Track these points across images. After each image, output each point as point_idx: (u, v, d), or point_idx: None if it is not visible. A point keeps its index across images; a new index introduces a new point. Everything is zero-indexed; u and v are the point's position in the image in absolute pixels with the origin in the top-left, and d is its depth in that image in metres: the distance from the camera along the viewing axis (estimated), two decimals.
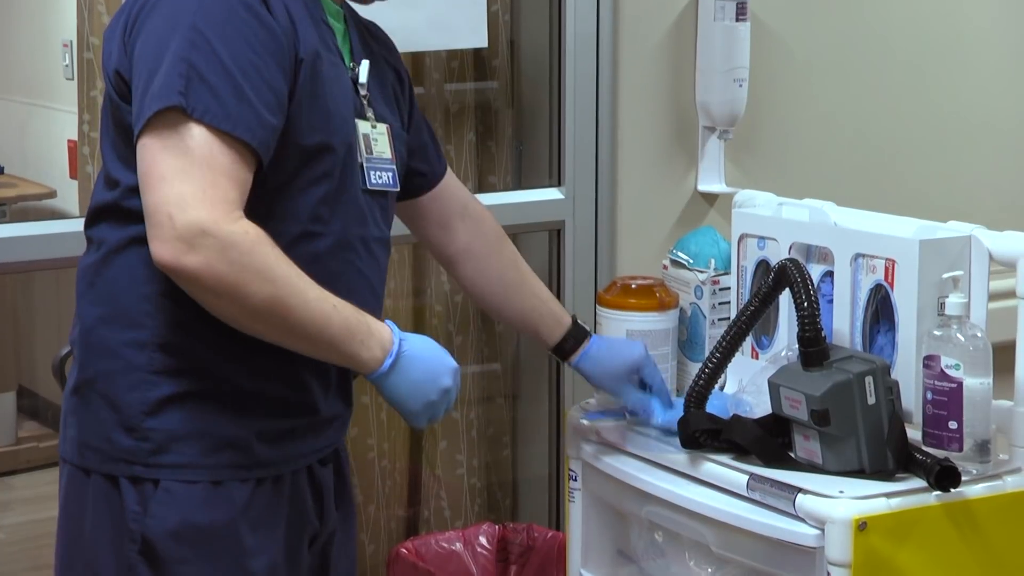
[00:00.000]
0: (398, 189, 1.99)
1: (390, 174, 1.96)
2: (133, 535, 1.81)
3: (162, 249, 1.69)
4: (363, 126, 1.93)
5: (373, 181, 1.93)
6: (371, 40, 2.04)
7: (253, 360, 1.82)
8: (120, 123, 1.83)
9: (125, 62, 1.80)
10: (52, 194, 4.45)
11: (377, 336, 1.81)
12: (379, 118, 1.96)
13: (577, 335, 2.21)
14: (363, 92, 1.94)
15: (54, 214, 4.27)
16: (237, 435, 1.83)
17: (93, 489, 1.84)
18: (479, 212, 2.21)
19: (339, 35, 1.94)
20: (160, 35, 1.75)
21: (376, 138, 1.95)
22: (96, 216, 1.88)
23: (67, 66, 4.31)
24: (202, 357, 1.81)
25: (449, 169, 2.20)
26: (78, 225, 2.43)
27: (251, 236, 1.71)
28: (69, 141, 4.06)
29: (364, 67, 1.95)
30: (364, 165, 1.92)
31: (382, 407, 2.88)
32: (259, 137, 1.74)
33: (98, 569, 1.85)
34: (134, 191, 1.78)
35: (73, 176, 3.37)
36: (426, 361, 1.84)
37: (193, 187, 1.69)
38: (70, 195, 3.45)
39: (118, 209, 1.84)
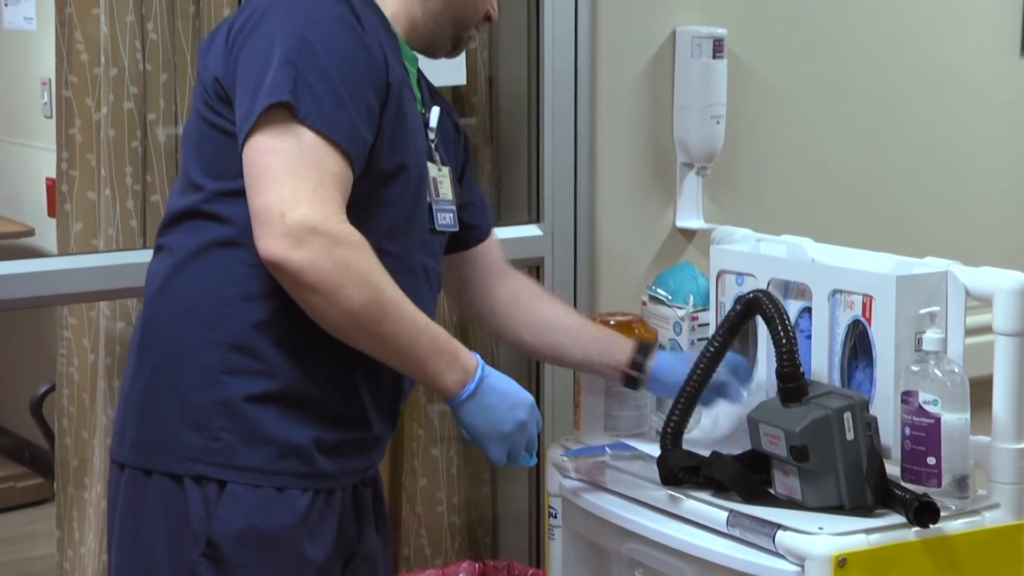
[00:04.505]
0: (457, 228, 2.05)
1: (451, 215, 2.03)
2: (196, 537, 1.84)
3: (271, 245, 1.76)
4: (431, 169, 2.00)
5: (440, 223, 2.00)
6: (435, 92, 2.13)
7: (318, 368, 1.88)
8: (210, 129, 1.88)
9: (226, 71, 1.87)
10: (30, 232, 4.44)
11: (463, 362, 1.88)
12: (443, 162, 2.04)
13: (645, 347, 2.19)
14: (431, 136, 2.02)
15: (32, 252, 4.26)
16: (299, 442, 1.87)
17: (153, 489, 1.87)
18: (515, 270, 2.27)
19: (412, 79, 2.01)
20: (267, 43, 1.83)
21: (441, 180, 2.03)
22: (173, 222, 1.92)
23: (45, 104, 4.31)
24: (272, 361, 1.86)
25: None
26: (56, 264, 2.44)
27: (356, 239, 1.79)
28: (47, 179, 4.05)
29: (435, 113, 2.04)
30: (432, 206, 1.99)
31: None
32: (353, 147, 1.83)
33: (155, 570, 1.87)
34: (219, 195, 1.86)
35: (51, 214, 3.36)
36: (503, 392, 1.92)
37: (304, 187, 1.77)
38: (48, 233, 3.43)
39: (198, 213, 1.89)
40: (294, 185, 1.77)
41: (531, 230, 2.77)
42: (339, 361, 1.89)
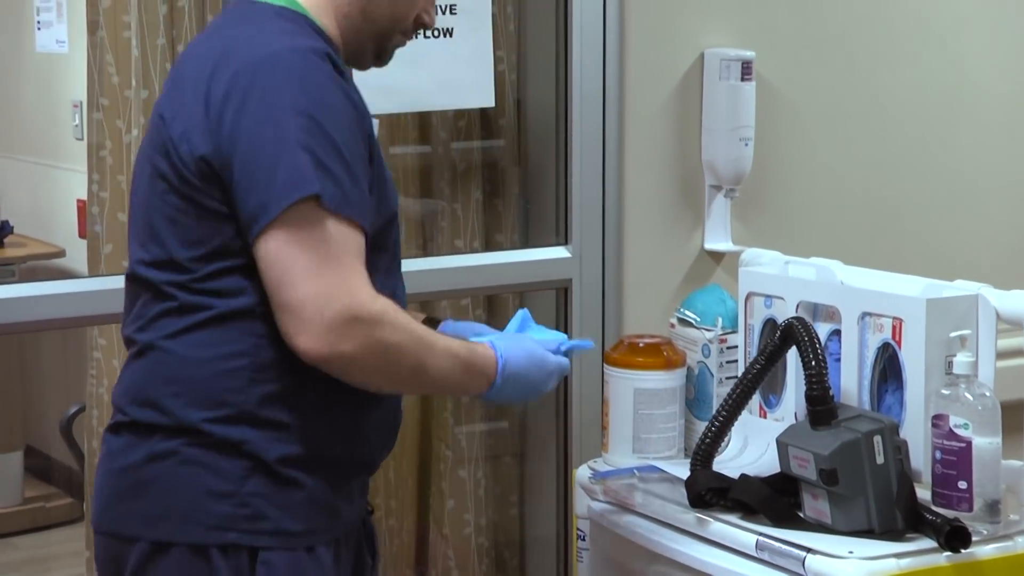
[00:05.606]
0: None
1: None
2: None
3: (313, 343, 1.73)
4: None
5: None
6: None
7: (331, 424, 1.84)
8: (192, 207, 1.79)
9: (216, 151, 1.76)
10: (61, 253, 4.46)
11: (486, 370, 1.90)
12: None
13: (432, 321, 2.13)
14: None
15: (63, 273, 4.28)
16: (325, 497, 1.84)
17: (172, 564, 1.79)
18: None
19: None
20: (271, 123, 1.74)
21: None
22: (153, 299, 1.83)
23: (76, 126, 4.34)
24: (289, 426, 1.81)
25: None
26: (87, 285, 2.46)
27: (390, 312, 1.78)
28: (78, 201, 4.08)
29: (375, 126, 1.96)
30: None
31: (388, 466, 2.87)
32: (367, 219, 1.79)
33: None
34: (215, 274, 1.79)
35: (82, 235, 3.39)
36: (525, 377, 1.93)
37: (336, 279, 1.73)
38: (79, 254, 3.46)
39: (189, 291, 1.80)
40: (326, 278, 1.72)
41: (559, 252, 2.77)
42: (349, 414, 1.86)
